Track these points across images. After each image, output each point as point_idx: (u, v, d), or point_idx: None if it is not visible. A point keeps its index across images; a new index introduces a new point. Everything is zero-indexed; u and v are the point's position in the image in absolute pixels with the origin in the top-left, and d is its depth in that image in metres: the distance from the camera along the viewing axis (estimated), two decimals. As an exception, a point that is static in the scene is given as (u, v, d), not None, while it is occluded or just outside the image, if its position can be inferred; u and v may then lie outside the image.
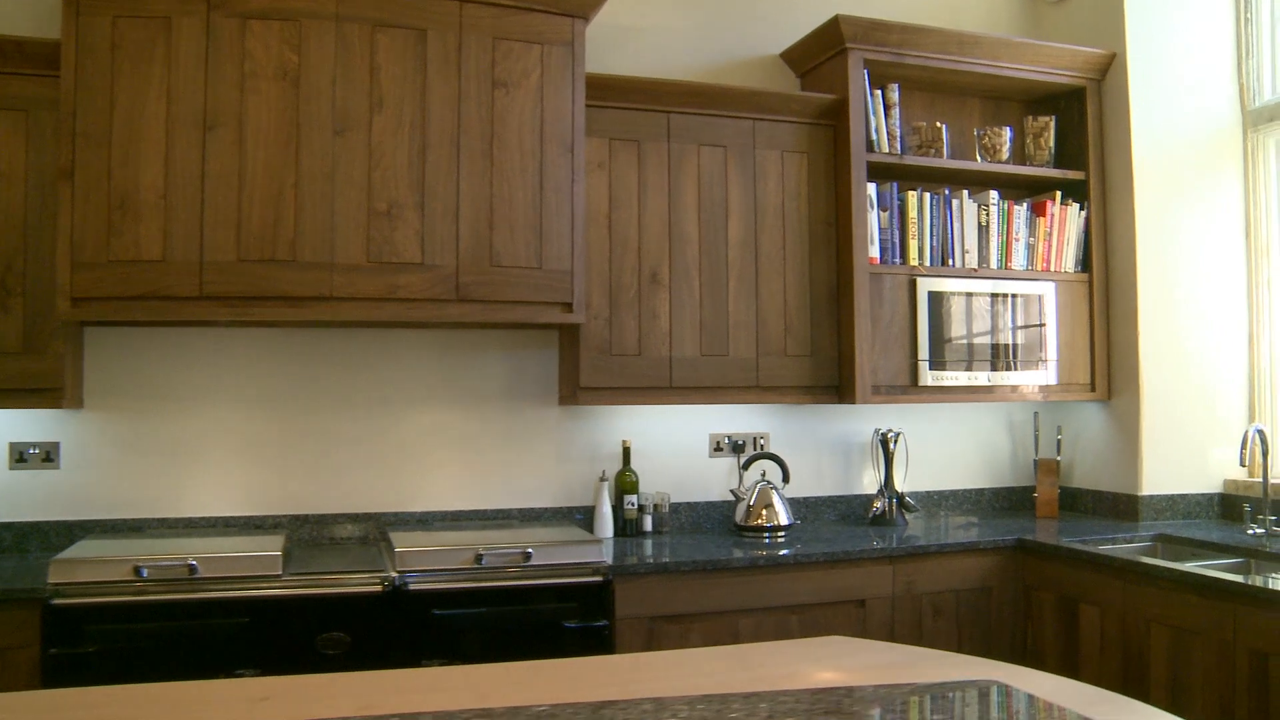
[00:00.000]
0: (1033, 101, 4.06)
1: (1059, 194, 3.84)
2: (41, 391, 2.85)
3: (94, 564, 2.60)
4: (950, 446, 4.05)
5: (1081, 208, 3.85)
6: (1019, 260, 3.77)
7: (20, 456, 3.08)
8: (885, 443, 3.77)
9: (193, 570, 2.64)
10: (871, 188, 3.57)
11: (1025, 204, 3.82)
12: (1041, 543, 3.33)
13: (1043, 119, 3.90)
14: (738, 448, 3.75)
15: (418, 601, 2.78)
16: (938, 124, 3.72)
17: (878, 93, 3.62)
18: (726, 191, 3.46)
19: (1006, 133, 3.82)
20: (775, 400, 3.51)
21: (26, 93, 2.83)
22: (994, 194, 3.75)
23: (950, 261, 3.68)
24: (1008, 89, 3.93)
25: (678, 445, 3.69)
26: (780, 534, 3.46)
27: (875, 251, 3.57)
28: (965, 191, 3.74)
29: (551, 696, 1.61)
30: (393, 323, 3.19)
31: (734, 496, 3.60)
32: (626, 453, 3.54)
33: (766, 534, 3.46)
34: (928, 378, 3.58)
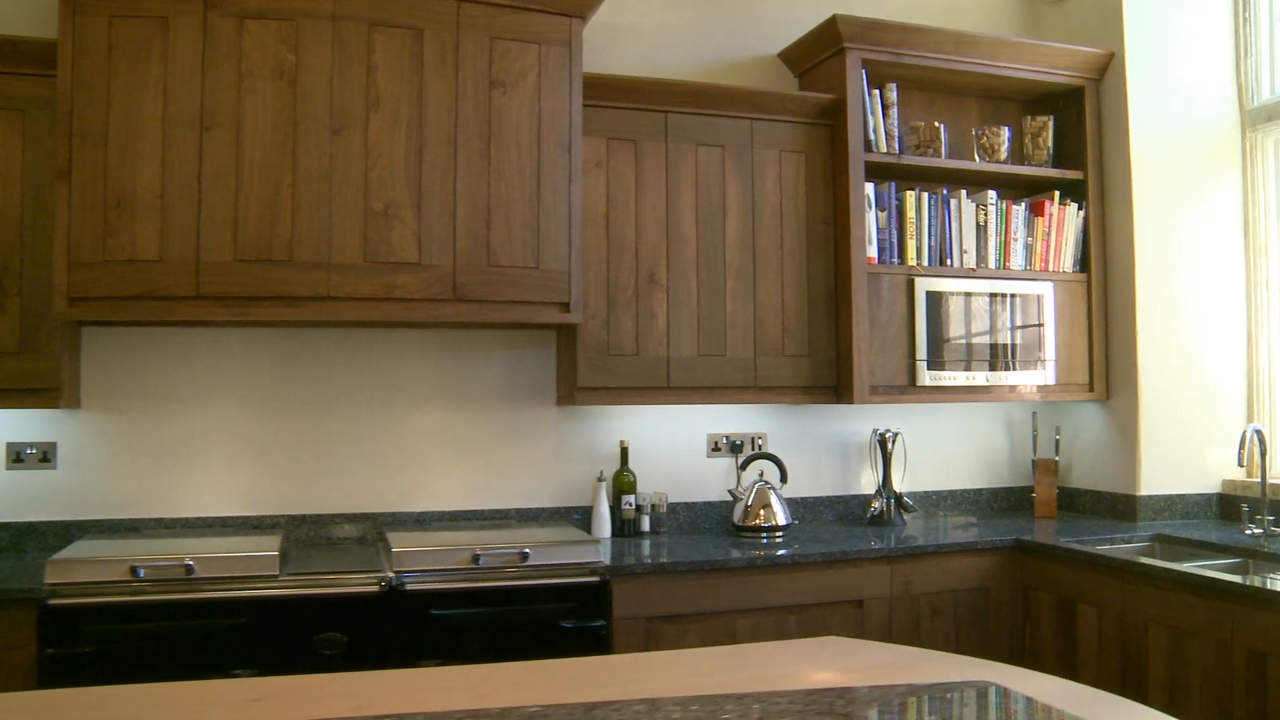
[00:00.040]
0: (1031, 101, 4.05)
1: (1057, 194, 3.83)
2: (38, 391, 2.85)
3: (91, 564, 2.60)
4: (948, 447, 4.05)
5: (1080, 207, 3.84)
6: (1017, 260, 3.77)
7: (17, 456, 3.08)
8: (883, 443, 3.77)
9: (189, 570, 2.64)
10: (869, 187, 3.56)
11: (1023, 204, 3.82)
12: (1040, 543, 3.32)
13: (1041, 119, 3.90)
14: (735, 448, 3.75)
15: (415, 602, 2.77)
16: (936, 124, 3.72)
17: (876, 92, 3.62)
18: (724, 191, 3.46)
19: (1005, 132, 3.81)
20: (773, 400, 3.51)
21: (23, 92, 2.83)
22: (992, 194, 3.75)
23: (948, 261, 3.68)
24: (1006, 89, 3.93)
25: (675, 445, 3.69)
26: (778, 534, 3.46)
27: (873, 251, 3.57)
28: (963, 191, 3.74)
29: (545, 697, 1.61)
30: (390, 323, 3.18)
31: (732, 497, 3.60)
32: (624, 453, 3.54)
33: (764, 534, 3.45)
34: (926, 378, 3.58)
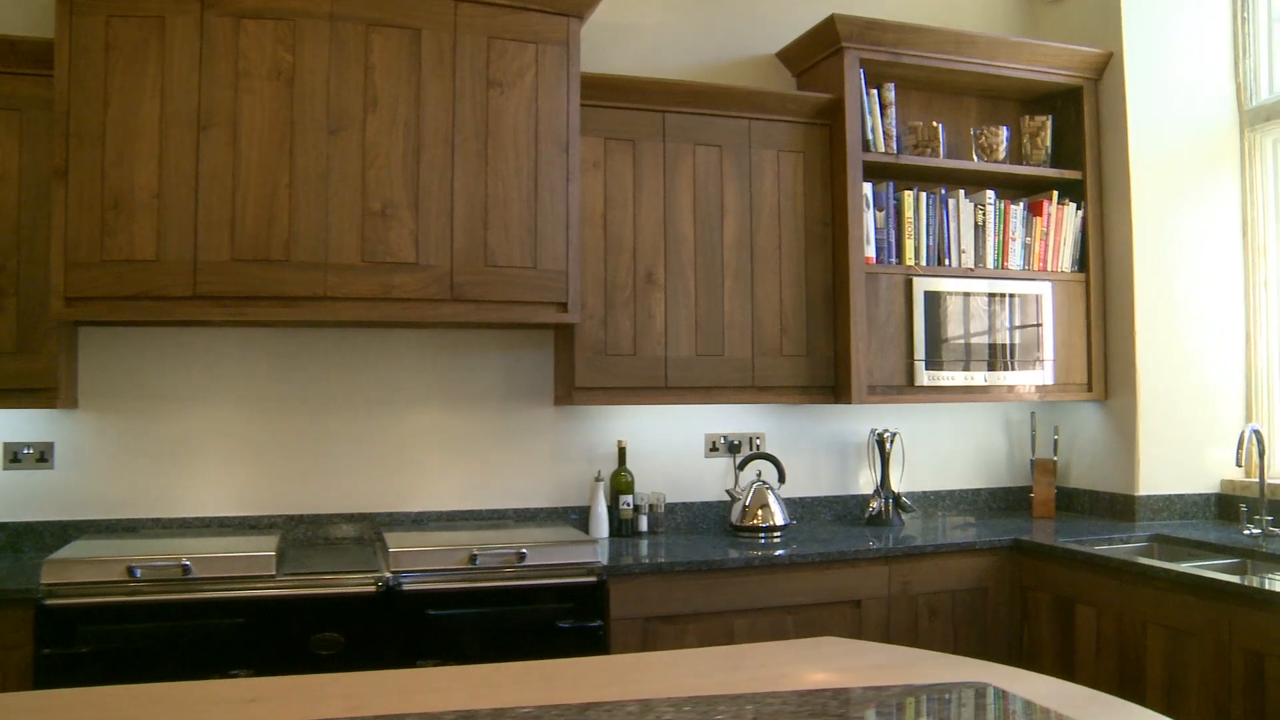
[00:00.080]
0: (1029, 101, 4.05)
1: (1056, 194, 3.83)
2: (36, 391, 2.85)
3: (87, 564, 2.60)
4: (947, 447, 4.04)
5: (1078, 207, 3.84)
6: (1015, 260, 3.77)
7: (15, 456, 3.08)
8: (881, 443, 3.77)
9: (186, 570, 2.63)
10: (867, 187, 3.56)
11: (1022, 204, 3.81)
12: (1038, 543, 3.32)
13: (1039, 118, 3.89)
14: (733, 448, 3.75)
15: (412, 602, 2.77)
16: (934, 123, 3.72)
17: (874, 92, 3.62)
18: (722, 191, 3.45)
19: (1003, 132, 3.81)
20: (771, 400, 3.51)
21: (20, 92, 2.83)
22: (990, 194, 3.74)
23: (946, 261, 3.67)
24: (1004, 88, 3.93)
25: (673, 445, 3.69)
26: (776, 534, 3.45)
27: (871, 251, 3.56)
28: (962, 191, 3.73)
29: (539, 698, 1.61)
30: (387, 323, 3.18)
31: (730, 497, 3.60)
32: (622, 453, 3.54)
33: (762, 534, 3.45)
34: (924, 378, 3.58)
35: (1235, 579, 2.75)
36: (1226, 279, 3.80)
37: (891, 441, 3.77)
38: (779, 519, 3.48)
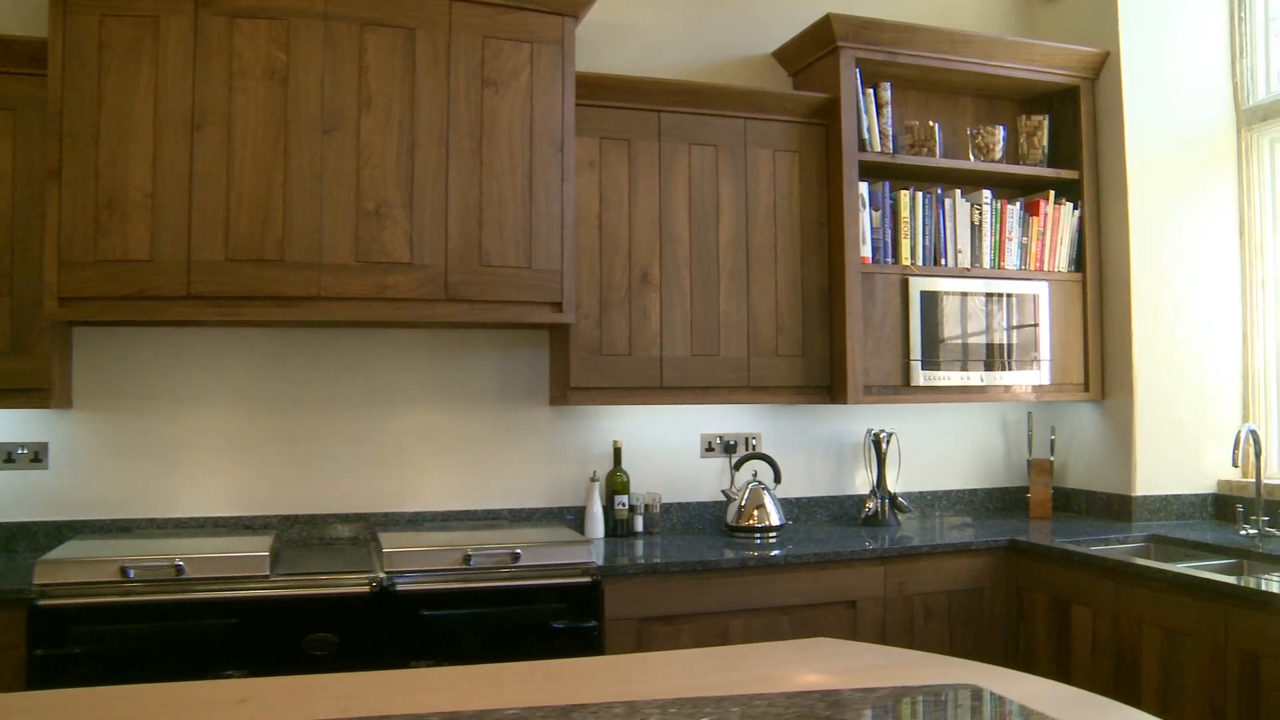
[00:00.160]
0: (1026, 100, 4.04)
1: (1052, 193, 3.83)
2: (29, 391, 2.84)
3: (80, 564, 2.60)
4: (943, 447, 4.04)
5: (1075, 207, 3.83)
6: (1012, 260, 3.76)
7: (9, 456, 3.07)
8: (878, 443, 3.76)
9: (180, 571, 2.63)
10: (864, 187, 3.56)
11: (1018, 203, 3.81)
12: (1034, 543, 3.31)
13: (1036, 118, 3.88)
14: (729, 448, 3.74)
15: (406, 602, 2.77)
16: (930, 123, 3.71)
17: (870, 91, 3.61)
18: (718, 191, 3.45)
19: (1000, 132, 3.80)
20: (767, 400, 3.50)
21: (13, 92, 2.83)
22: (987, 193, 3.74)
23: (943, 261, 3.67)
24: (1001, 88, 3.92)
25: (669, 445, 3.68)
26: (771, 534, 3.45)
27: (867, 251, 3.56)
28: (958, 191, 3.73)
29: (526, 699, 1.60)
30: (382, 322, 3.18)
31: (725, 497, 3.59)
32: (617, 453, 3.54)
33: (758, 534, 3.45)
34: (920, 378, 3.57)
35: (1231, 579, 2.74)
36: (1223, 279, 3.79)
37: (888, 442, 3.77)
38: (775, 519, 3.48)
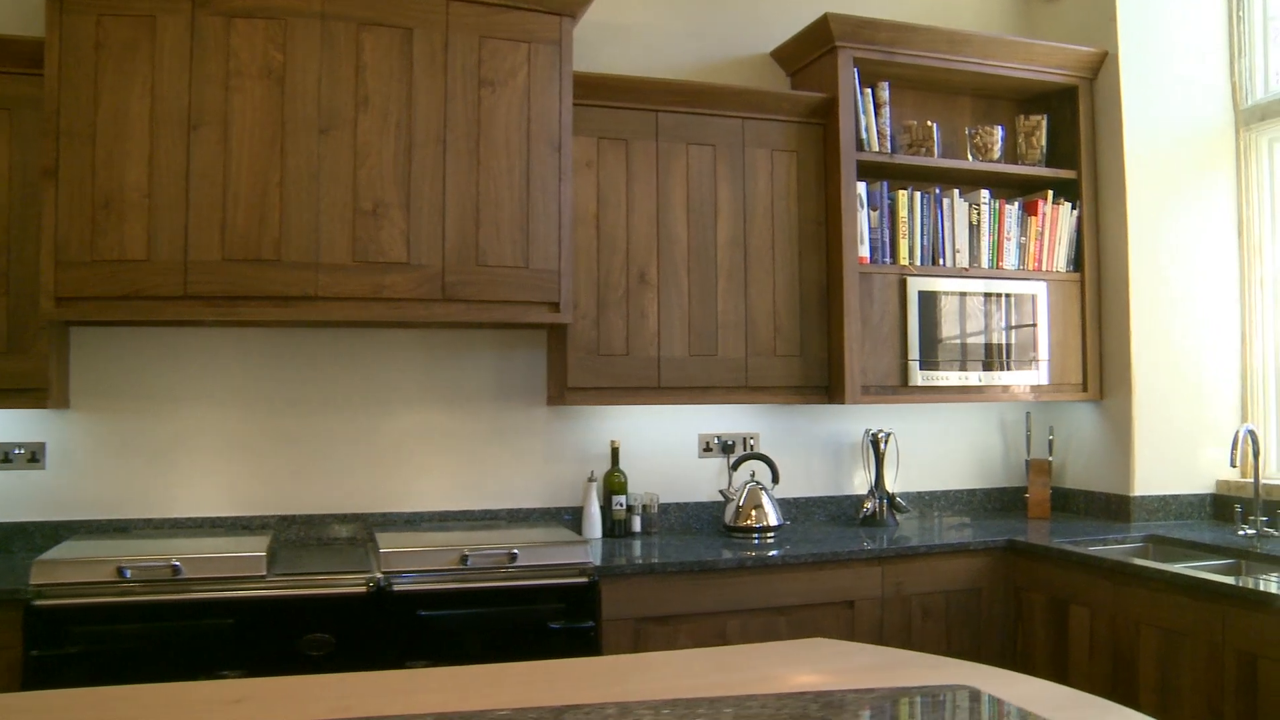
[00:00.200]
0: (1024, 100, 4.04)
1: (1051, 193, 3.82)
2: (26, 391, 2.84)
3: (77, 565, 2.59)
4: (941, 447, 4.03)
5: (1073, 207, 3.83)
6: (1010, 260, 3.76)
7: (5, 456, 3.07)
8: (876, 443, 3.76)
9: (176, 571, 2.63)
10: (861, 187, 3.55)
11: (1017, 203, 3.80)
12: (1032, 544, 3.31)
13: (1034, 118, 3.88)
14: (727, 448, 3.74)
15: (403, 602, 2.76)
16: (929, 123, 3.71)
17: (868, 91, 3.61)
18: (715, 191, 3.45)
19: (998, 132, 3.80)
20: (765, 400, 3.50)
21: (10, 91, 2.83)
22: (985, 193, 3.73)
23: (941, 261, 3.66)
24: (999, 88, 3.92)
25: (667, 446, 3.68)
26: (769, 535, 3.45)
27: (865, 251, 3.56)
28: (956, 191, 3.72)
29: (520, 699, 1.60)
30: (379, 322, 3.17)
31: (723, 497, 3.59)
32: (615, 453, 3.53)
33: (755, 535, 3.44)
34: (918, 378, 3.57)
35: (1229, 580, 2.74)
36: (1222, 278, 3.79)
37: (886, 442, 3.76)
38: (772, 519, 3.48)
